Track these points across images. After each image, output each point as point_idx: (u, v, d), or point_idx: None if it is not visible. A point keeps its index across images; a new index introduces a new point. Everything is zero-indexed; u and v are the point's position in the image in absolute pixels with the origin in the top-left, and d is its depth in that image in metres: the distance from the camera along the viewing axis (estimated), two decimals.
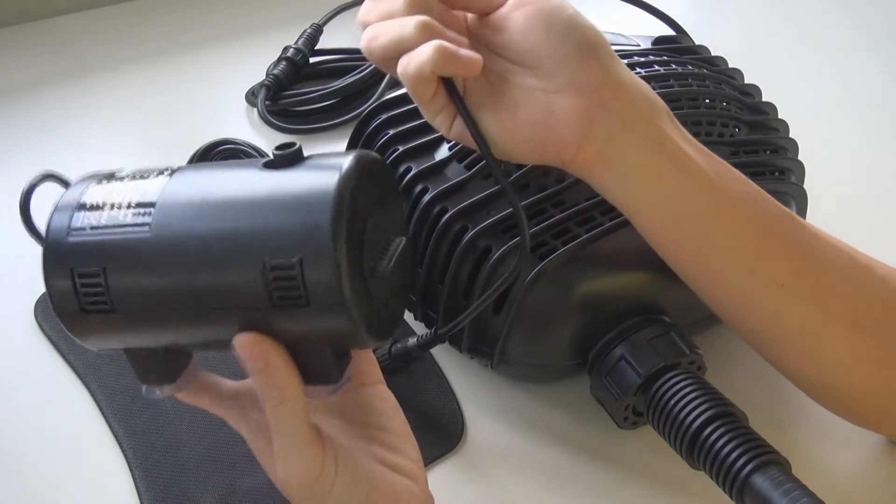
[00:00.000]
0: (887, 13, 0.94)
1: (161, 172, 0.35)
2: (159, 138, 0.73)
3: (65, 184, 0.37)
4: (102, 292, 0.34)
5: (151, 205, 0.34)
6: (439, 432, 0.50)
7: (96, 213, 0.34)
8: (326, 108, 0.74)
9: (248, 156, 0.60)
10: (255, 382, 0.34)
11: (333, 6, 0.80)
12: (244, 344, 0.32)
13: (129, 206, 0.34)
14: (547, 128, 0.37)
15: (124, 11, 0.89)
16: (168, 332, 0.35)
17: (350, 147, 0.55)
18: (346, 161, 0.32)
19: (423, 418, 0.50)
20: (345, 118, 0.73)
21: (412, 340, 0.49)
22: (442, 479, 0.48)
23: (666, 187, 0.39)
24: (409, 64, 0.36)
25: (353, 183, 0.32)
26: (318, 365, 0.35)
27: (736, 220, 0.40)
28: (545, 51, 0.37)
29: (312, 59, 0.78)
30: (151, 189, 0.34)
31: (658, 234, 0.41)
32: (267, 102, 0.73)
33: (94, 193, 0.35)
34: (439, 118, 0.39)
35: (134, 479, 0.47)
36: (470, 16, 0.40)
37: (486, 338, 0.48)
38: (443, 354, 0.54)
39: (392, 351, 0.50)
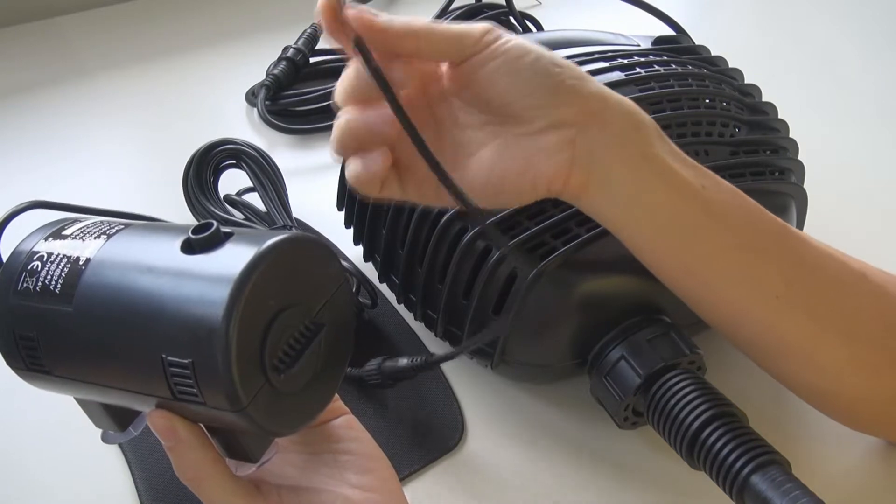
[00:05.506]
0: (887, 13, 0.94)
1: (101, 234, 0.35)
2: (159, 138, 0.73)
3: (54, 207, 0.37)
4: (39, 356, 0.34)
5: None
6: (439, 432, 0.50)
7: (33, 279, 0.34)
8: (326, 108, 0.74)
9: (248, 156, 0.60)
10: (171, 461, 0.35)
11: None
12: (154, 421, 0.34)
13: (60, 277, 0.34)
14: (534, 168, 0.37)
15: (124, 12, 0.89)
16: (101, 396, 0.36)
17: None
18: (250, 256, 0.30)
19: (423, 418, 0.50)
20: None
21: (404, 361, 0.48)
22: (442, 479, 0.48)
23: (653, 201, 0.39)
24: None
25: (255, 283, 0.30)
26: (236, 445, 0.35)
27: (725, 232, 0.40)
28: (517, 100, 0.36)
29: (312, 59, 0.78)
30: (85, 254, 0.34)
31: (649, 249, 0.41)
32: (267, 102, 0.73)
33: (38, 252, 0.35)
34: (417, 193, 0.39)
35: (134, 479, 0.46)
36: (445, 75, 0.39)
37: None
38: None
39: (382, 368, 0.49)
